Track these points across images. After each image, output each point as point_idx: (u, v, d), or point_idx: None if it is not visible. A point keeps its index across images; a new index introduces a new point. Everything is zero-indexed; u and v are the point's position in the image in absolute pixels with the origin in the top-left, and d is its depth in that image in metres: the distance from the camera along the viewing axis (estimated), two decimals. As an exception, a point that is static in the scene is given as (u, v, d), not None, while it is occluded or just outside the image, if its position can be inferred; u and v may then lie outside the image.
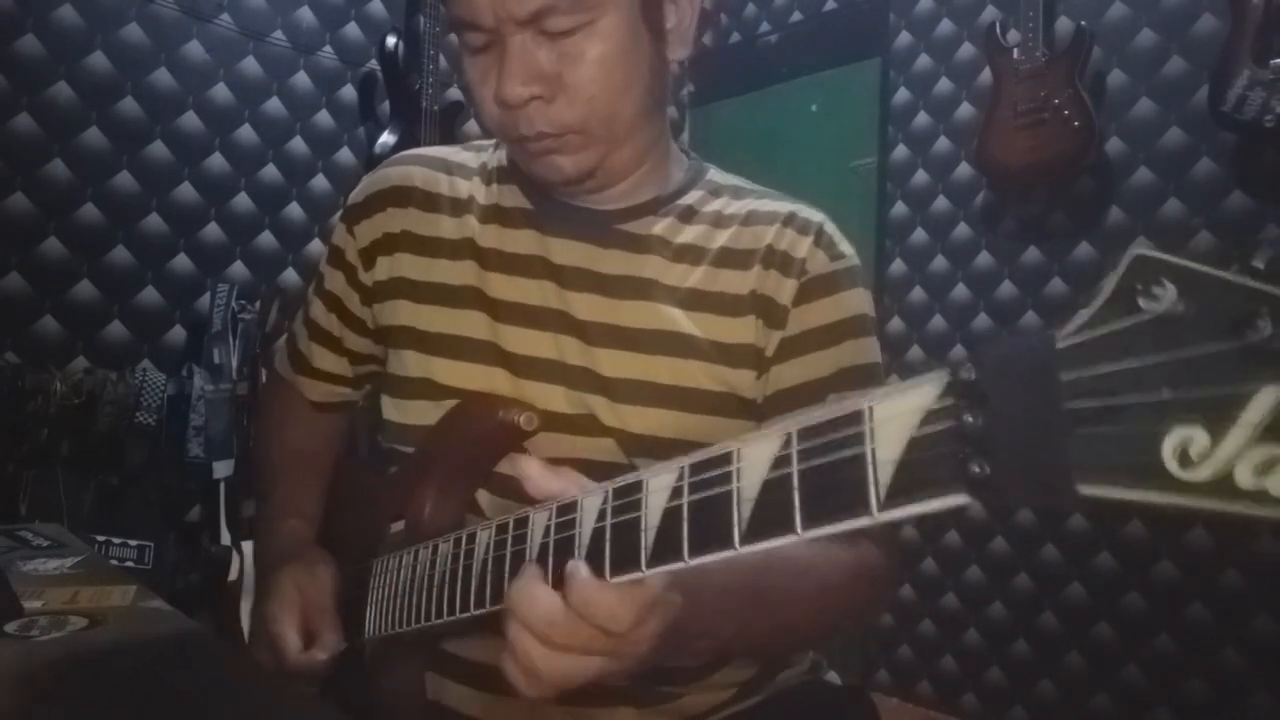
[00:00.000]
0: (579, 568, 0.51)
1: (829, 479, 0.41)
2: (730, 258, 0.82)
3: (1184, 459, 0.30)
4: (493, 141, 0.93)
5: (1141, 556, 2.15)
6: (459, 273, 0.84)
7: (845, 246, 0.84)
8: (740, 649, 0.77)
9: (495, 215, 0.85)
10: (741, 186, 0.88)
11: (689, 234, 0.83)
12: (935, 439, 0.37)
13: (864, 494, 0.39)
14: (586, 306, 0.80)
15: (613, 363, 0.79)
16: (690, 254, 0.82)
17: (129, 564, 1.99)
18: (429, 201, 0.87)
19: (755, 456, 0.45)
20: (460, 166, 0.90)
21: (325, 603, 0.81)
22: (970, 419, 0.35)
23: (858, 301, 0.82)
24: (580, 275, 0.81)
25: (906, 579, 2.58)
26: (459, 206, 0.86)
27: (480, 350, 0.81)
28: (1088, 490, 0.32)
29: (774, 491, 0.43)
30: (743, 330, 0.79)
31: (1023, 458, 0.34)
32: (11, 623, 0.74)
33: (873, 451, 0.39)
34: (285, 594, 0.81)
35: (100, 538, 1.98)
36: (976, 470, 0.35)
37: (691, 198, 0.85)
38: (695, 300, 0.80)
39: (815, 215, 0.85)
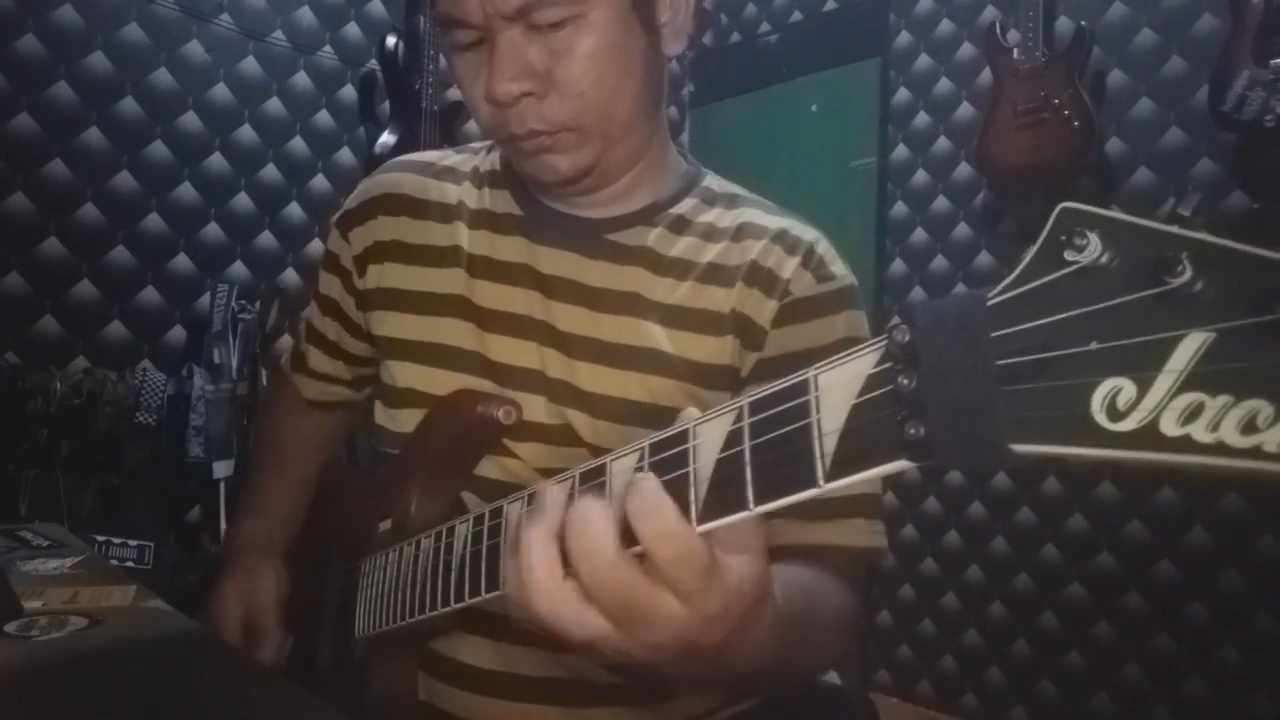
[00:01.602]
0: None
1: (777, 453, 0.41)
2: (716, 274, 0.79)
3: (1112, 411, 0.30)
4: (486, 144, 0.92)
5: (1141, 556, 2.15)
6: (446, 281, 0.83)
7: (837, 267, 0.80)
8: (759, 679, 0.71)
9: (486, 221, 0.85)
10: (737, 195, 0.86)
11: (679, 247, 0.81)
12: (874, 404, 0.37)
13: (810, 466, 0.39)
14: (570, 318, 0.79)
15: (591, 377, 0.77)
16: (677, 268, 0.80)
17: (129, 564, 1.98)
18: (418, 209, 0.86)
19: (711, 433, 0.45)
20: (451, 171, 0.89)
21: (265, 612, 0.87)
22: (905, 381, 0.35)
23: (846, 325, 0.78)
24: (566, 286, 0.80)
25: (907, 579, 2.58)
26: (448, 212, 0.86)
27: (466, 360, 0.81)
28: (1020, 448, 0.32)
29: (727, 469, 0.43)
30: (720, 351, 0.77)
31: (955, 418, 0.34)
32: (11, 623, 0.73)
33: (818, 422, 0.39)
34: (227, 599, 0.88)
35: (100, 538, 1.98)
36: (912, 433, 0.35)
37: (685, 206, 0.83)
38: (677, 317, 0.78)
39: (808, 233, 0.81)
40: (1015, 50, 2.23)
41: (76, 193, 2.10)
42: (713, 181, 0.87)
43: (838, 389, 0.39)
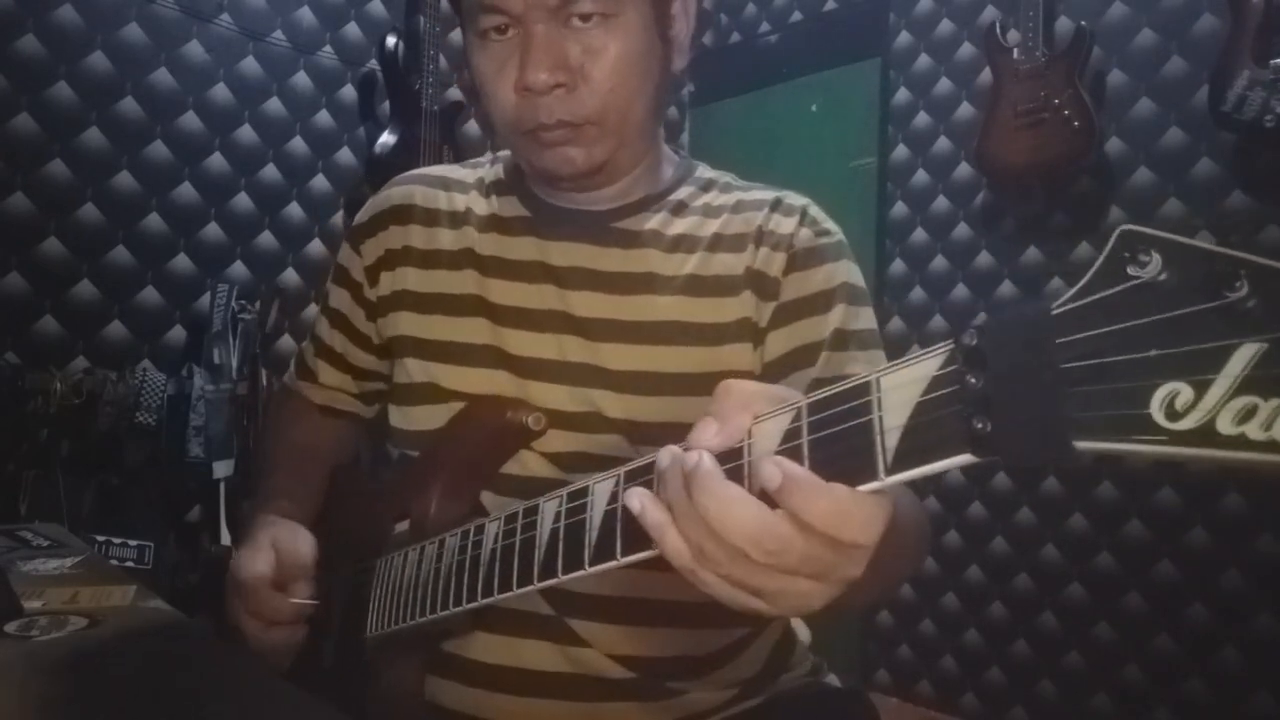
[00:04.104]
0: (794, 467, 0.42)
1: (838, 448, 0.42)
2: (724, 243, 0.84)
3: (1170, 411, 0.32)
4: (489, 157, 0.96)
5: (1142, 556, 2.15)
6: (460, 282, 0.86)
7: (830, 225, 0.86)
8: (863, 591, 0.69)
9: (494, 225, 0.88)
10: (730, 181, 0.91)
11: (681, 226, 0.85)
12: (940, 402, 0.39)
13: (871, 459, 0.41)
14: (587, 304, 0.82)
15: (616, 356, 0.80)
16: (685, 244, 0.84)
17: (129, 564, 1.98)
18: (428, 217, 0.90)
19: (767, 431, 0.46)
20: (458, 182, 0.92)
21: (302, 559, 0.81)
22: (973, 380, 0.37)
23: (847, 271, 0.83)
24: (580, 274, 0.83)
25: (907, 579, 2.58)
26: (457, 219, 0.89)
27: (483, 355, 0.83)
28: (1083, 444, 0.34)
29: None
30: (738, 307, 0.81)
31: (1022, 415, 0.36)
32: (11, 623, 0.74)
33: (880, 419, 0.41)
34: (260, 543, 0.82)
35: (100, 538, 1.98)
36: (979, 427, 0.37)
37: (682, 193, 0.88)
38: (694, 286, 0.82)
39: (800, 200, 0.87)
40: (1015, 50, 2.23)
41: (76, 193, 2.10)
42: (705, 171, 0.92)
43: (901, 389, 0.41)
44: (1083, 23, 2.16)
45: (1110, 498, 2.21)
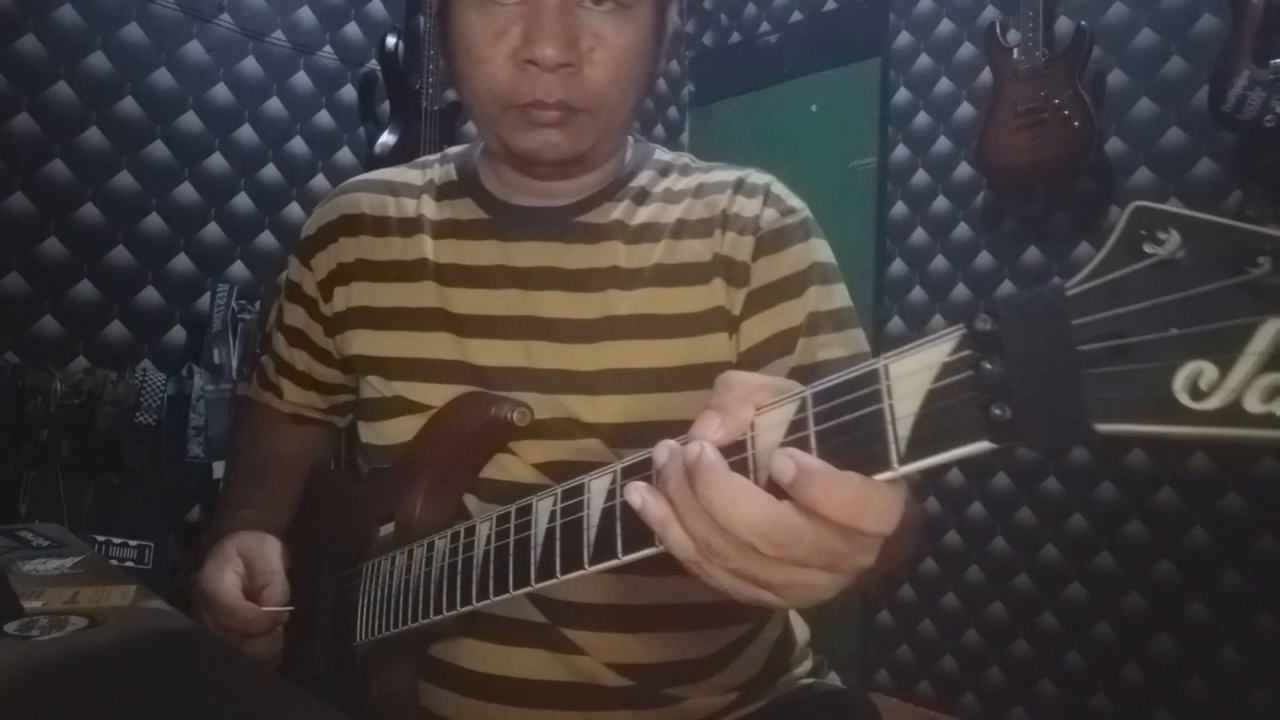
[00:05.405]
0: (809, 459, 0.41)
1: (847, 438, 0.41)
2: (688, 229, 0.81)
3: (1194, 391, 0.32)
4: (436, 156, 0.92)
5: (1142, 556, 2.15)
6: (419, 294, 0.82)
7: (794, 202, 0.84)
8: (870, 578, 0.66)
9: (451, 230, 0.84)
10: (688, 163, 0.89)
11: (645, 214, 0.83)
12: (954, 389, 0.38)
13: (883, 449, 0.40)
14: (555, 305, 0.79)
15: (588, 357, 0.78)
16: (650, 233, 0.82)
17: (129, 564, 1.98)
18: (378, 226, 0.86)
19: (770, 423, 0.45)
20: (405, 185, 0.88)
21: (272, 565, 0.79)
22: (989, 366, 0.37)
23: (816, 250, 0.81)
24: (546, 274, 0.80)
25: (907, 579, 2.58)
26: (409, 226, 0.85)
27: (450, 370, 0.80)
28: (1105, 427, 0.34)
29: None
30: (709, 295, 0.79)
31: (1041, 399, 0.35)
32: (11, 623, 0.73)
33: (890, 407, 0.40)
34: (225, 554, 0.79)
35: (100, 538, 1.98)
36: (998, 413, 0.36)
37: (643, 179, 0.86)
38: (662, 276, 0.79)
39: (762, 178, 0.85)
40: (1015, 50, 2.23)
41: (76, 193, 2.10)
42: (662, 154, 0.90)
43: (911, 376, 0.40)
44: (1083, 23, 2.16)
45: (1110, 498, 2.21)
